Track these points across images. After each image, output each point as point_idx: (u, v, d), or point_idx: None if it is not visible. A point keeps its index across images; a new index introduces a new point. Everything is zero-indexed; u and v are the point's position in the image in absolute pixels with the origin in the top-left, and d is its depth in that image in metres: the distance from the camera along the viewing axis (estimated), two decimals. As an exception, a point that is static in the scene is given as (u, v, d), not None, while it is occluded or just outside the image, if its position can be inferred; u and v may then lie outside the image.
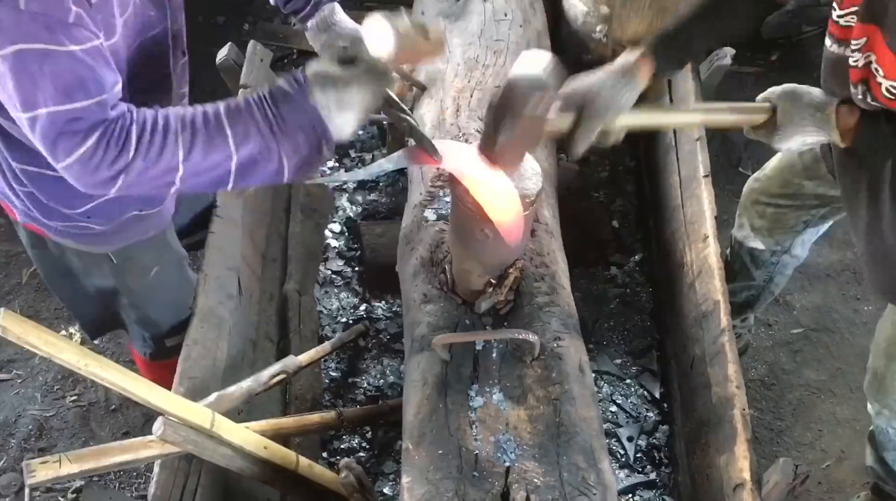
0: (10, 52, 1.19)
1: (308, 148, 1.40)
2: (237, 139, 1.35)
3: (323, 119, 1.39)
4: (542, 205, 2.02)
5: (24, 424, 2.67)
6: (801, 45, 3.60)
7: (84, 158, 1.28)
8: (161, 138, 1.31)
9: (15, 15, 1.17)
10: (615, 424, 2.46)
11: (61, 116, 1.24)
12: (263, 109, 1.37)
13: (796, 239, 2.31)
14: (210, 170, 1.36)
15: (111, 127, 1.29)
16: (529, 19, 2.54)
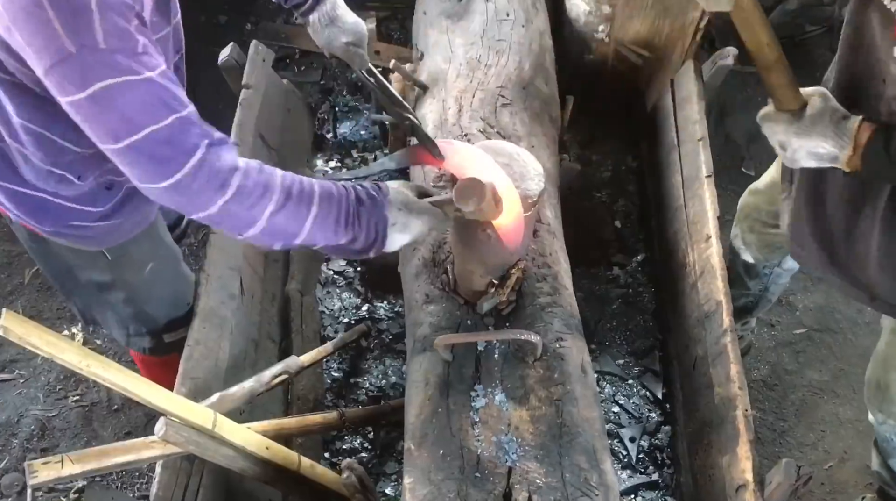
0: (96, 90, 1.22)
1: (360, 248, 1.49)
2: (315, 221, 1.41)
3: (387, 231, 1.48)
4: (545, 205, 2.01)
5: (27, 424, 2.67)
6: (805, 45, 3.60)
7: (180, 185, 1.31)
8: (260, 192, 1.36)
9: (97, 55, 1.21)
10: (617, 424, 2.46)
11: (152, 139, 1.27)
12: (348, 202, 1.44)
13: (785, 256, 2.30)
14: (280, 234, 1.42)
15: (210, 157, 1.32)
16: (532, 19, 2.53)
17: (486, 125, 2.09)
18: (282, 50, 3.49)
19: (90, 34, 1.20)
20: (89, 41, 1.20)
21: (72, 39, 1.19)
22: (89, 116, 1.26)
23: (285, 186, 1.40)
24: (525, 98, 2.24)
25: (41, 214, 1.70)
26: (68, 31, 1.19)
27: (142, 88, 1.26)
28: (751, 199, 2.28)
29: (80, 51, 1.20)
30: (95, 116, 1.26)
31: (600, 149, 3.08)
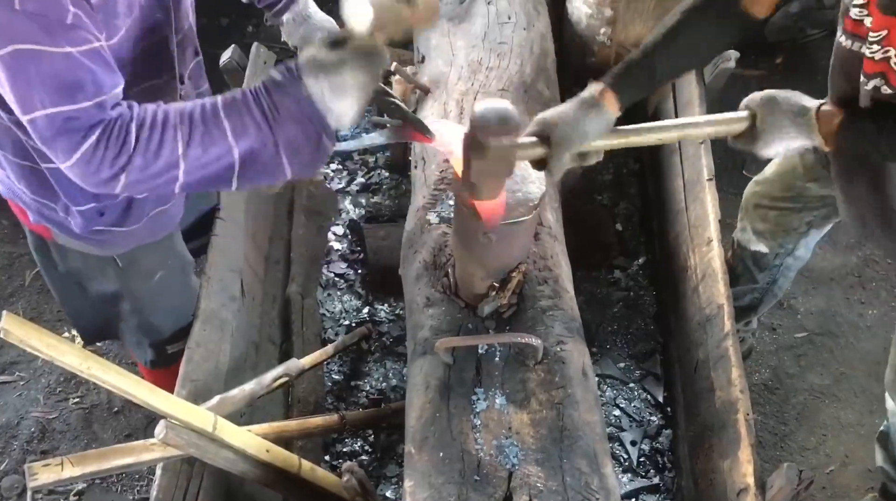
0: (5, 53, 1.18)
1: (306, 140, 1.38)
2: (235, 132, 1.33)
3: (318, 108, 1.36)
4: (546, 208, 2.01)
5: (27, 426, 2.67)
6: (806, 48, 3.59)
7: (85, 158, 1.27)
8: (160, 134, 1.30)
9: (10, 15, 1.16)
10: (618, 428, 2.46)
11: (59, 117, 1.24)
12: (259, 100, 1.35)
13: (800, 240, 2.31)
14: (212, 164, 1.34)
15: (110, 126, 1.28)
16: (533, 22, 2.53)
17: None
18: (283, 52, 3.48)
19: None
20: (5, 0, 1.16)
21: None
22: (3, 76, 1.22)
23: (185, 116, 1.32)
24: (527, 101, 2.24)
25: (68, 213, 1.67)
26: None
27: (57, 62, 1.21)
28: (759, 188, 2.29)
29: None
30: (5, 80, 1.21)
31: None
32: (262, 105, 1.34)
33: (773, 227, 2.29)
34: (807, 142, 1.52)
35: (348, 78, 1.35)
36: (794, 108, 1.51)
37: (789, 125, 1.51)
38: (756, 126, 1.54)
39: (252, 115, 1.34)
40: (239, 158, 1.34)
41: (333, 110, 1.37)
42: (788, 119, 1.51)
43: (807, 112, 1.51)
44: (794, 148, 1.55)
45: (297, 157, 1.39)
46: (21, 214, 1.79)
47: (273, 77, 1.37)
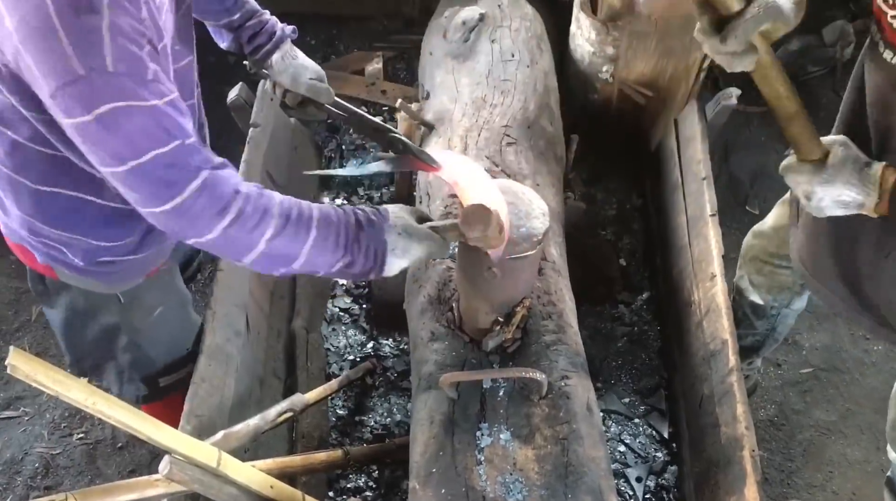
0: (102, 113, 1.24)
1: (360, 272, 1.49)
2: (315, 246, 1.42)
3: (385, 256, 1.48)
4: (550, 243, 2.02)
5: (31, 461, 2.67)
6: (807, 85, 3.63)
7: (181, 209, 1.33)
8: (259, 217, 1.38)
9: (106, 77, 1.23)
10: (624, 464, 2.44)
11: (157, 163, 1.29)
12: (347, 226, 1.45)
13: (794, 297, 2.30)
14: (279, 258, 1.43)
15: (212, 183, 1.34)
16: (536, 59, 2.57)
17: (492, 164, 2.11)
18: (289, 89, 3.52)
19: (100, 57, 1.22)
20: (98, 64, 1.22)
21: (81, 61, 1.21)
22: (94, 138, 1.27)
23: (284, 211, 1.41)
24: (530, 137, 2.27)
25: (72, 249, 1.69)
26: (78, 53, 1.21)
27: (147, 113, 1.27)
28: (756, 242, 2.29)
29: (88, 73, 1.21)
30: (100, 138, 1.27)
31: (605, 187, 3.10)
32: (349, 234, 1.45)
33: (768, 281, 2.29)
34: (859, 197, 1.48)
35: (417, 250, 1.51)
36: (865, 158, 1.49)
37: (856, 173, 1.48)
38: (828, 160, 1.50)
39: (337, 237, 1.44)
40: (301, 263, 1.44)
41: (391, 263, 1.50)
42: (858, 167, 1.48)
43: (873, 165, 1.48)
44: (845, 201, 1.50)
45: (343, 274, 1.50)
46: (25, 255, 1.79)
47: (368, 215, 1.49)
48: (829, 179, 1.50)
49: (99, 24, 1.22)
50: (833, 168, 1.49)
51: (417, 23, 3.58)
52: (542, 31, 2.75)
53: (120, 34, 1.24)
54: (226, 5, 1.88)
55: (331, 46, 3.75)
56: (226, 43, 1.95)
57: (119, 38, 1.24)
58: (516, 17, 2.70)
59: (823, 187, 1.51)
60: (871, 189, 1.47)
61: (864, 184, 1.47)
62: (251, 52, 1.93)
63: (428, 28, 2.89)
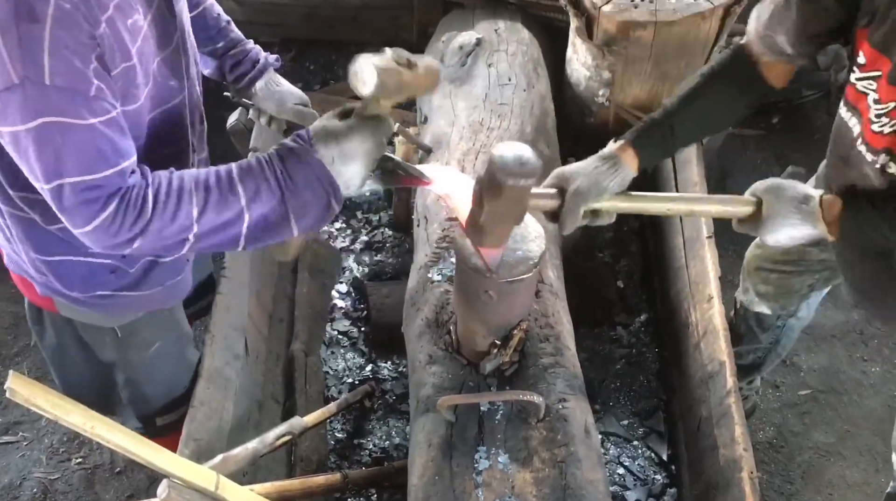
0: (34, 126, 1.22)
1: (317, 204, 1.42)
2: (248, 197, 1.37)
3: (329, 173, 1.41)
4: (547, 266, 2.03)
5: (29, 487, 2.66)
6: (802, 109, 3.65)
7: (104, 225, 1.31)
8: (176, 199, 1.34)
9: (41, 89, 1.20)
10: (622, 487, 2.43)
11: (81, 186, 1.28)
12: (272, 167, 1.39)
13: (802, 302, 2.32)
14: (223, 228, 1.38)
15: (128, 194, 1.32)
16: (533, 83, 2.59)
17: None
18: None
19: (36, 68, 1.19)
20: (34, 74, 1.19)
21: (16, 69, 1.19)
22: (24, 150, 1.25)
23: (200, 182, 1.37)
24: (527, 161, 2.28)
25: (70, 279, 1.68)
26: (14, 61, 1.18)
27: (83, 133, 1.25)
28: (759, 252, 2.30)
29: (23, 82, 1.19)
30: (31, 151, 1.25)
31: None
32: (276, 172, 1.39)
33: (774, 289, 2.29)
34: (811, 231, 1.52)
35: (357, 145, 1.42)
36: (799, 195, 1.51)
37: (794, 212, 1.51)
38: (762, 212, 1.54)
39: (267, 181, 1.38)
40: (249, 223, 1.39)
41: (343, 175, 1.42)
42: (794, 206, 1.51)
43: (810, 200, 1.51)
44: (799, 237, 1.54)
45: (306, 218, 1.43)
46: (24, 286, 1.78)
47: (286, 145, 1.42)
48: (772, 228, 1.54)
49: (40, 35, 1.19)
50: (770, 219, 1.54)
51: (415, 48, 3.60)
52: (538, 56, 2.78)
53: (63, 47, 1.21)
54: (209, 34, 1.87)
55: (330, 72, 3.78)
56: (209, 70, 1.94)
57: (61, 51, 1.21)
58: (513, 42, 2.73)
59: (771, 236, 1.55)
60: (814, 221, 1.51)
61: (807, 219, 1.51)
62: (234, 80, 1.92)
63: (425, 53, 2.92)
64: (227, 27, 1.90)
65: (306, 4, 3.64)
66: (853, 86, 1.51)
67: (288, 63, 3.79)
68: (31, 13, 1.18)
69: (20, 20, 1.18)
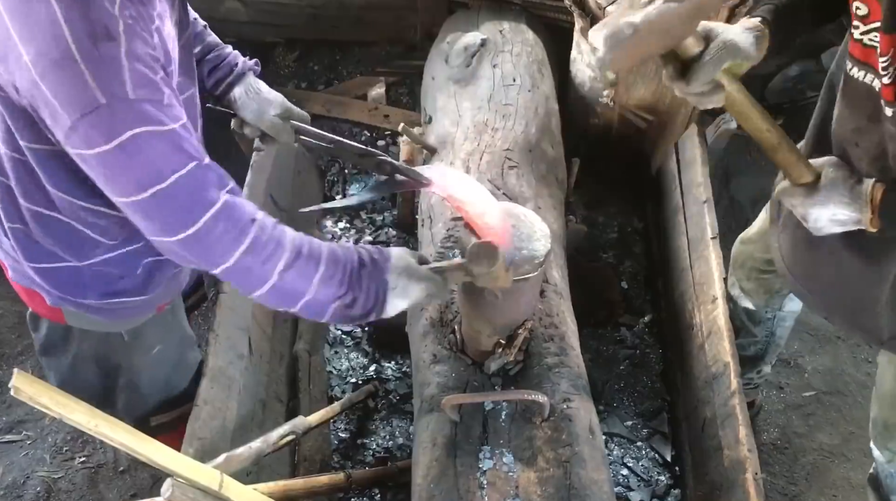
0: (125, 139, 1.23)
1: (360, 312, 1.49)
2: (321, 279, 1.43)
3: (387, 295, 1.49)
4: (551, 266, 2.03)
5: (33, 486, 2.66)
6: (806, 110, 3.61)
7: (204, 230, 1.32)
8: (273, 247, 1.38)
9: (127, 104, 1.23)
10: (626, 487, 2.43)
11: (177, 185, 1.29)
12: (352, 264, 1.46)
13: (784, 299, 2.31)
14: (289, 293, 1.43)
15: (231, 204, 1.34)
16: (538, 84, 2.59)
17: (494, 187, 2.12)
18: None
19: (120, 84, 1.22)
20: (119, 91, 1.22)
21: (102, 90, 1.20)
22: (115, 166, 1.26)
23: (296, 244, 1.42)
24: (531, 161, 2.28)
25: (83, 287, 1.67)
26: (99, 83, 1.20)
27: (167, 137, 1.27)
28: (744, 247, 2.29)
29: (110, 101, 1.21)
30: (121, 166, 1.26)
31: (606, 210, 3.11)
32: (353, 271, 1.46)
33: (756, 287, 2.29)
34: (854, 214, 1.51)
35: (418, 291, 1.51)
36: (856, 176, 1.52)
37: (847, 191, 1.51)
38: (819, 182, 1.54)
39: (343, 274, 1.44)
40: (309, 299, 1.44)
41: (390, 303, 1.50)
42: (849, 185, 1.51)
43: (864, 182, 1.50)
44: (842, 219, 1.53)
45: (341, 315, 1.49)
46: (30, 298, 1.76)
47: (371, 255, 1.50)
48: (823, 200, 1.53)
49: (117, 52, 1.22)
50: (825, 190, 1.53)
51: (419, 48, 3.61)
52: (543, 57, 2.78)
53: (137, 60, 1.24)
54: None
55: (334, 71, 3.78)
56: None
57: (137, 64, 1.24)
58: (518, 43, 2.73)
59: (818, 209, 1.54)
60: (863, 206, 1.50)
61: (856, 201, 1.50)
62: (212, 87, 1.88)
63: (430, 53, 2.92)
64: (204, 31, 1.87)
65: (311, 5, 3.65)
66: (858, 42, 1.47)
67: (293, 63, 3.79)
68: (108, 33, 1.21)
69: (99, 41, 1.20)
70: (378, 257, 1.50)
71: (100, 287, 1.68)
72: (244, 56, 1.91)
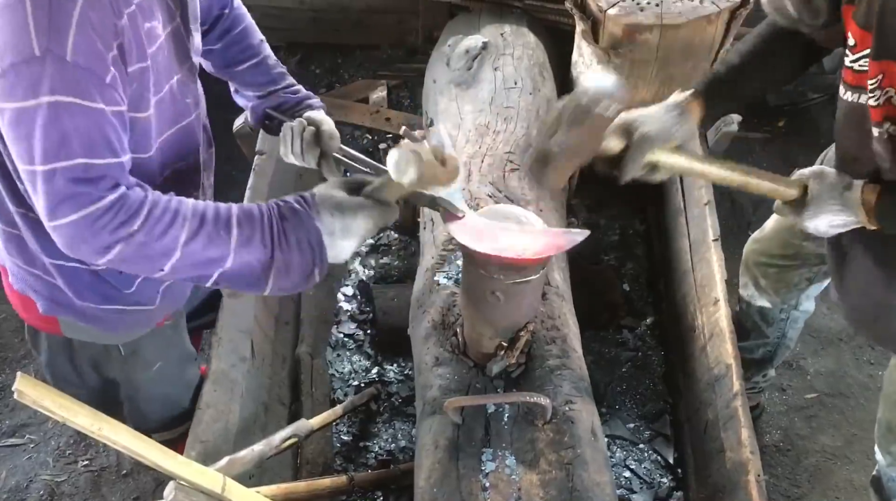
0: (45, 103, 1.18)
1: (300, 270, 1.40)
2: (239, 242, 1.34)
3: (323, 244, 1.40)
4: (553, 268, 2.03)
5: (36, 489, 2.66)
6: (807, 112, 3.65)
7: (90, 218, 1.25)
8: (169, 218, 1.30)
9: (61, 65, 1.17)
10: (629, 490, 2.43)
11: (79, 171, 1.23)
12: (272, 221, 1.37)
13: (801, 295, 2.32)
14: (204, 264, 1.35)
15: (125, 196, 1.27)
16: (539, 87, 2.59)
17: (495, 190, 2.13)
18: (292, 118, 3.56)
19: (61, 43, 1.16)
20: (57, 49, 1.16)
21: (40, 42, 1.15)
22: (26, 128, 1.20)
23: (198, 212, 1.33)
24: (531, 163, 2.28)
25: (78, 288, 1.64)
26: (39, 33, 1.15)
27: (90, 116, 1.21)
28: (757, 246, 2.30)
29: (44, 55, 1.16)
30: (32, 129, 1.19)
31: (608, 213, 3.12)
32: (273, 226, 1.37)
33: (773, 283, 2.30)
34: (850, 218, 1.54)
35: (361, 223, 1.41)
36: (843, 182, 1.53)
37: (837, 199, 1.53)
38: (806, 196, 1.56)
39: (262, 232, 1.36)
40: (229, 267, 1.35)
41: (335, 248, 1.41)
42: (837, 192, 1.53)
43: (853, 187, 1.52)
44: (839, 224, 1.56)
45: (283, 280, 1.41)
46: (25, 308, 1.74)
47: (290, 204, 1.40)
48: (814, 214, 1.56)
49: (71, 9, 1.17)
50: (813, 204, 1.55)
51: (421, 51, 3.62)
52: (544, 59, 2.79)
53: (90, 27, 1.18)
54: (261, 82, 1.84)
55: (335, 75, 3.79)
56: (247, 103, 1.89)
57: (87, 30, 1.18)
58: (519, 46, 2.74)
59: (812, 222, 1.57)
60: (856, 210, 1.52)
61: (849, 207, 1.53)
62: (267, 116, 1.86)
63: (431, 56, 2.93)
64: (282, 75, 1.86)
65: (312, 8, 3.66)
66: (850, 69, 1.50)
67: (294, 67, 3.80)
68: None
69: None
70: (300, 207, 1.39)
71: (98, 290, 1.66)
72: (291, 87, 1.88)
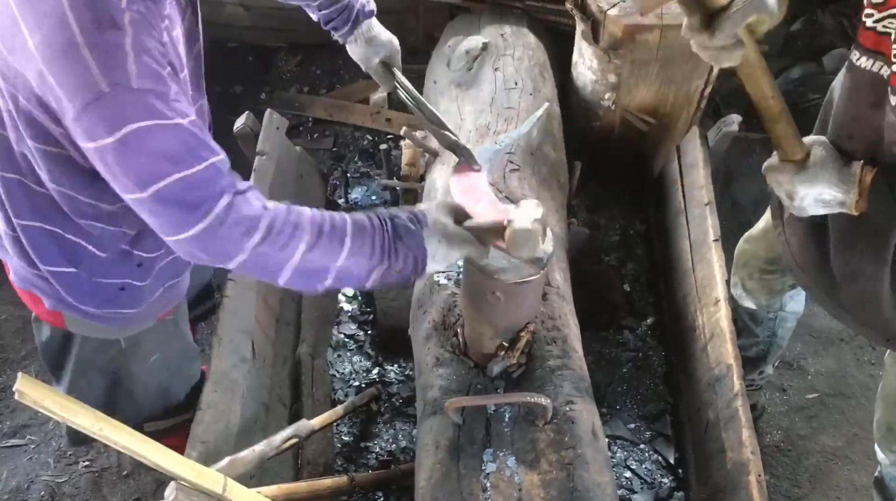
0: (123, 135, 1.21)
1: (400, 278, 1.46)
2: (350, 253, 1.40)
3: (426, 263, 1.46)
4: (554, 268, 2.03)
5: (37, 490, 2.66)
6: (808, 113, 3.63)
7: (208, 232, 1.29)
8: (290, 232, 1.35)
9: (130, 94, 1.20)
10: (630, 490, 2.43)
11: (178, 187, 1.26)
12: (384, 235, 1.42)
13: (785, 298, 2.32)
14: (315, 272, 1.40)
15: (235, 203, 1.31)
16: (539, 87, 2.59)
17: (496, 190, 2.13)
18: (295, 118, 3.56)
19: (123, 73, 1.19)
20: (122, 80, 1.19)
21: (105, 77, 1.18)
22: (117, 160, 1.23)
23: (316, 223, 1.38)
24: (533, 164, 2.28)
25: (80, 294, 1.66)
26: (102, 70, 1.18)
27: (171, 132, 1.24)
28: (747, 246, 2.30)
29: (113, 89, 1.18)
30: (123, 160, 1.23)
31: (608, 213, 3.12)
32: (385, 241, 1.42)
33: (758, 286, 2.30)
34: (840, 195, 1.52)
35: (457, 254, 1.48)
36: (844, 158, 1.53)
37: (836, 172, 1.52)
38: (808, 160, 1.55)
39: (373, 246, 1.41)
40: (337, 273, 1.41)
41: (431, 267, 1.47)
42: (838, 166, 1.52)
43: (853, 164, 1.52)
44: (827, 200, 1.55)
45: (381, 282, 1.46)
46: (33, 303, 1.76)
47: (405, 223, 1.45)
48: (811, 178, 1.54)
49: (122, 41, 1.19)
50: (814, 167, 1.54)
51: (421, 52, 3.62)
52: (544, 60, 2.79)
53: (144, 52, 1.21)
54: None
55: (336, 76, 3.79)
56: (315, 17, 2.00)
57: (142, 56, 1.21)
58: (519, 46, 2.74)
59: (805, 186, 1.55)
60: (851, 187, 1.51)
61: (844, 182, 1.51)
62: (333, 30, 1.98)
63: (432, 57, 2.93)
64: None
65: (313, 9, 3.65)
66: (872, 30, 1.46)
67: (295, 68, 3.81)
68: (114, 21, 1.19)
69: (104, 28, 1.18)
70: (414, 226, 1.45)
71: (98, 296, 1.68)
72: None
